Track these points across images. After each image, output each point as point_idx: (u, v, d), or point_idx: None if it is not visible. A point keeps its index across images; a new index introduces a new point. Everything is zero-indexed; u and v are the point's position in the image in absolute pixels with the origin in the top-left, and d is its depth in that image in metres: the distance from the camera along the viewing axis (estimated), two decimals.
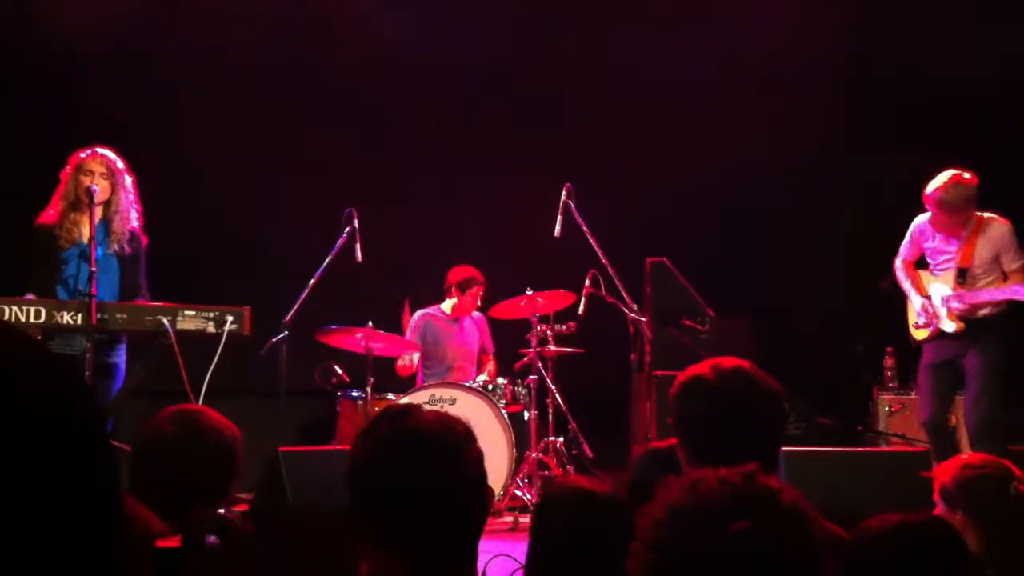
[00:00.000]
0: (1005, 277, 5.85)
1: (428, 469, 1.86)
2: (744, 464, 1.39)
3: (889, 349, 7.84)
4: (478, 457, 1.98)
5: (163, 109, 7.91)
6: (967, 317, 5.84)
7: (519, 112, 8.70)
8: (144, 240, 5.51)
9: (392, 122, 8.71)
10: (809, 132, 8.34)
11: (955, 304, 5.85)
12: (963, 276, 5.90)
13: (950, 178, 5.81)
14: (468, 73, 8.65)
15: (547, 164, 7.97)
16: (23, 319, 4.85)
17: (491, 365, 7.77)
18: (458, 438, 1.93)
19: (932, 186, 5.87)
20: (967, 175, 5.82)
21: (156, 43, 8.07)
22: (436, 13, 8.73)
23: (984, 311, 5.84)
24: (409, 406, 1.99)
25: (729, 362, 2.53)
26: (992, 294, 5.78)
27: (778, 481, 1.39)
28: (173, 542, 2.03)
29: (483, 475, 1.98)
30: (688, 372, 2.58)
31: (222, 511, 2.14)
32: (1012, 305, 5.82)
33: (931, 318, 6.00)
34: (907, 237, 6.22)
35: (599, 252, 6.79)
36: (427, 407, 1.99)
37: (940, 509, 2.86)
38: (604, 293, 6.90)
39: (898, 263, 6.28)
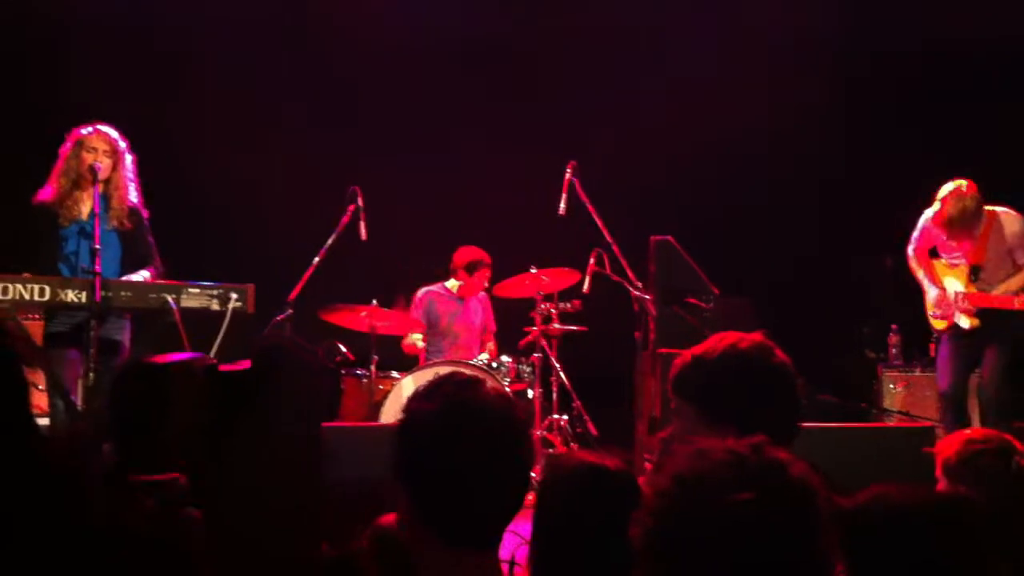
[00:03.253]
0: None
1: (480, 446, 1.81)
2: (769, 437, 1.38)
3: (894, 327, 7.83)
4: (530, 446, 1.95)
5: (162, 86, 7.87)
6: (982, 311, 5.82)
7: (523, 89, 8.65)
8: (145, 214, 5.50)
9: (396, 100, 8.67)
10: (812, 106, 8.28)
11: (966, 305, 5.83)
12: (975, 274, 5.87)
13: (951, 195, 5.72)
14: (470, 49, 8.60)
15: (551, 142, 7.94)
16: (27, 297, 4.85)
17: (491, 344, 7.76)
18: (518, 423, 1.90)
19: (937, 207, 5.79)
20: (966, 187, 5.73)
21: (155, 17, 8.03)
22: None
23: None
24: (476, 377, 1.94)
25: (748, 337, 2.51)
26: (1003, 301, 5.73)
27: (787, 453, 1.38)
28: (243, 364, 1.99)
29: (530, 463, 1.95)
30: (707, 346, 2.54)
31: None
32: None
33: (946, 311, 5.97)
34: (918, 227, 6.14)
35: (603, 230, 6.78)
36: None
37: (943, 484, 2.86)
38: (608, 271, 6.88)
39: (911, 251, 6.22)
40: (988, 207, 5.82)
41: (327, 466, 2.12)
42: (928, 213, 6.02)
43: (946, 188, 5.79)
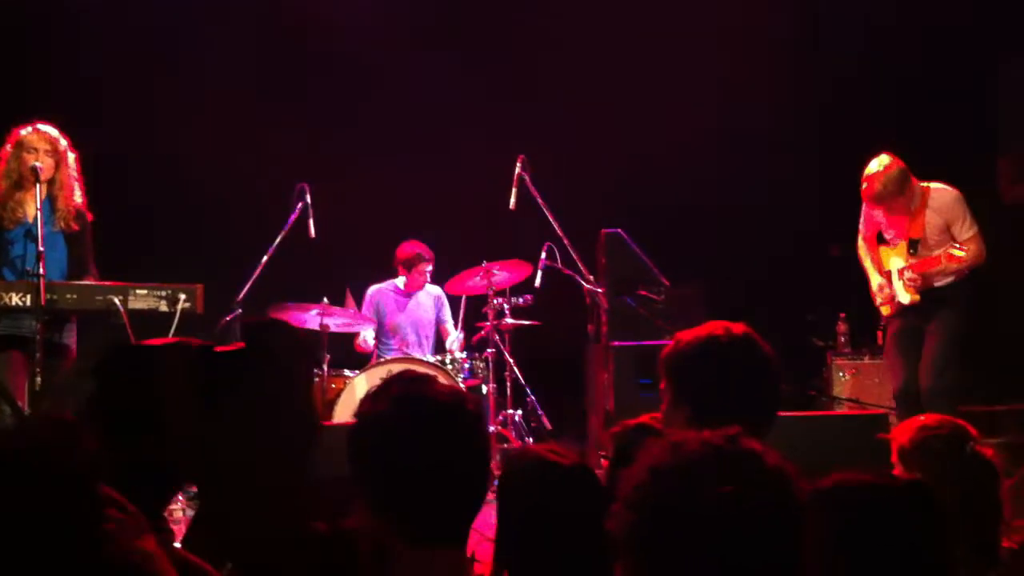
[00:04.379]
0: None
1: (434, 441, 1.81)
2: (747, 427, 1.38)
3: (842, 315, 7.92)
4: (485, 438, 1.94)
5: (109, 81, 7.74)
6: (923, 289, 5.86)
7: (473, 82, 8.63)
8: (90, 217, 5.41)
9: (343, 94, 8.61)
10: (764, 99, 8.34)
11: (908, 275, 5.88)
12: (914, 247, 5.90)
13: (875, 172, 5.74)
14: (419, 40, 8.55)
15: (501, 135, 7.92)
16: None
17: (453, 337, 7.65)
18: (470, 415, 1.88)
19: (863, 183, 5.84)
20: (888, 161, 5.76)
21: (105, 15, 7.89)
22: None
23: (940, 281, 5.83)
24: (425, 375, 1.93)
25: (739, 327, 2.55)
26: (933, 260, 5.76)
27: (760, 444, 1.38)
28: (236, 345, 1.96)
29: (487, 454, 1.94)
30: (697, 333, 2.58)
31: None
32: (974, 272, 5.81)
33: (887, 298, 6.03)
34: (861, 214, 6.20)
35: (554, 224, 6.78)
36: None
37: (898, 470, 2.89)
38: (560, 265, 6.90)
39: (860, 241, 6.28)
40: (923, 183, 5.88)
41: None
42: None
43: (870, 164, 5.85)
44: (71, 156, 5.34)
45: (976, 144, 8.08)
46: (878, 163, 5.80)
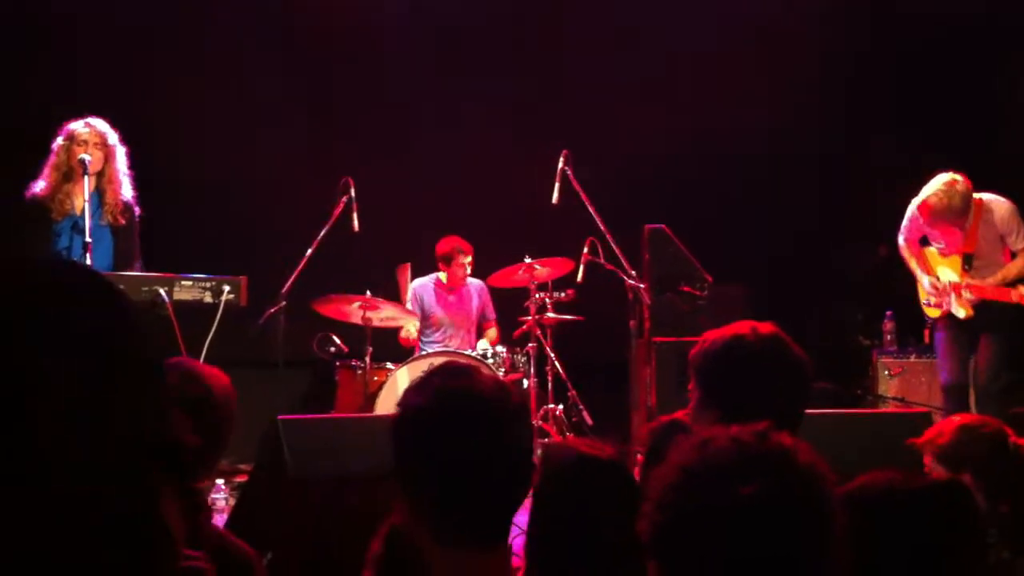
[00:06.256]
0: (1013, 255, 5.81)
1: (477, 436, 1.76)
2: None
3: (888, 313, 7.83)
4: (528, 431, 1.89)
5: (156, 78, 7.83)
6: (977, 302, 5.82)
7: (516, 78, 8.63)
8: (138, 211, 5.48)
9: (388, 89, 8.64)
10: (810, 98, 8.27)
11: (967, 295, 5.82)
12: (969, 262, 5.85)
13: (943, 187, 5.68)
14: (465, 36, 8.57)
15: (545, 130, 7.92)
16: None
17: (493, 332, 7.76)
18: (513, 409, 1.83)
19: (924, 196, 5.75)
20: (959, 179, 5.69)
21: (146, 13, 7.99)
22: None
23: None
24: (469, 366, 1.88)
25: (766, 326, 2.53)
26: (1001, 293, 5.72)
27: (792, 439, 1.36)
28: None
29: (531, 450, 1.88)
30: (723, 332, 2.56)
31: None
32: None
33: (941, 298, 5.96)
34: (907, 217, 6.10)
35: (597, 219, 6.76)
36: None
37: (935, 470, 2.86)
38: (603, 260, 6.88)
39: (901, 241, 6.21)
40: (976, 194, 5.80)
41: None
42: (915, 202, 5.99)
43: (937, 180, 5.76)
44: (121, 150, 5.41)
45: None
46: (943, 183, 5.71)
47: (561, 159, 6.84)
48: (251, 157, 7.83)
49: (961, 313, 5.86)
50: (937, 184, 5.73)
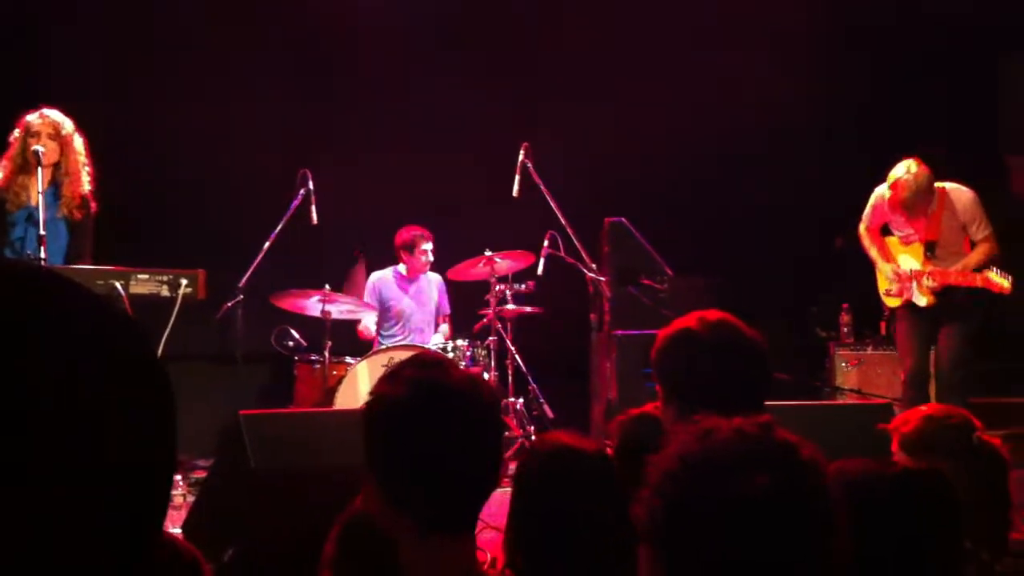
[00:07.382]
0: (973, 245, 5.86)
1: (450, 428, 1.77)
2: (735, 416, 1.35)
3: (844, 305, 7.89)
4: (500, 427, 1.91)
5: (112, 68, 7.70)
6: (938, 289, 5.86)
7: (476, 70, 8.58)
8: (94, 207, 5.39)
9: (345, 79, 8.57)
10: (772, 88, 8.30)
11: (928, 282, 5.86)
12: (931, 250, 5.90)
13: (904, 179, 5.71)
14: (422, 30, 8.51)
15: (505, 122, 7.89)
16: None
17: (446, 327, 7.70)
18: (486, 403, 1.84)
19: (889, 182, 5.77)
20: (916, 168, 5.72)
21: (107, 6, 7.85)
22: None
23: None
24: (442, 358, 1.89)
25: (713, 314, 2.52)
26: (967, 279, 5.75)
27: (792, 434, 1.36)
28: None
29: (501, 446, 1.91)
30: (672, 327, 2.56)
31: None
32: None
33: (903, 285, 6.00)
34: (869, 205, 6.12)
35: (558, 212, 6.75)
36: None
37: (901, 460, 2.87)
38: (563, 253, 6.87)
39: (862, 229, 6.24)
40: (938, 183, 5.85)
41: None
42: (879, 191, 6.03)
43: (897, 169, 5.80)
44: (78, 140, 5.32)
45: (976, 143, 8.04)
46: (906, 169, 5.74)
47: (521, 152, 6.83)
48: (209, 148, 7.72)
49: (923, 301, 5.91)
50: (901, 170, 5.76)
